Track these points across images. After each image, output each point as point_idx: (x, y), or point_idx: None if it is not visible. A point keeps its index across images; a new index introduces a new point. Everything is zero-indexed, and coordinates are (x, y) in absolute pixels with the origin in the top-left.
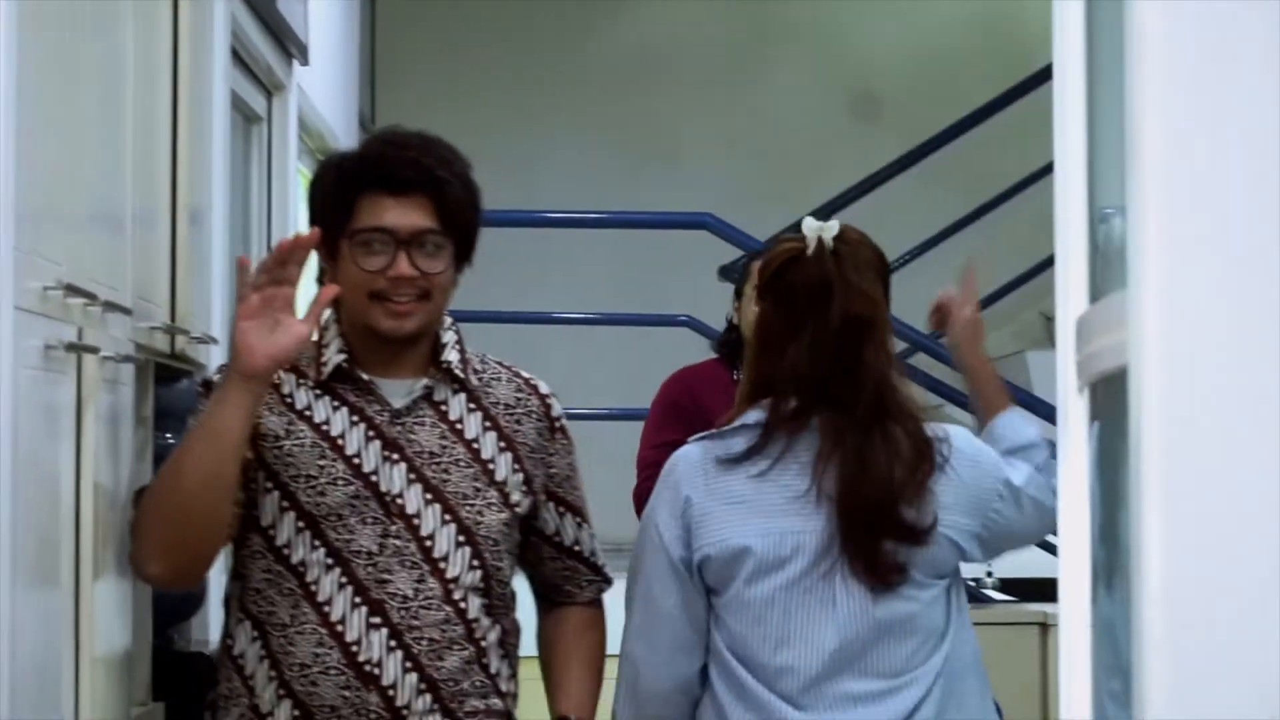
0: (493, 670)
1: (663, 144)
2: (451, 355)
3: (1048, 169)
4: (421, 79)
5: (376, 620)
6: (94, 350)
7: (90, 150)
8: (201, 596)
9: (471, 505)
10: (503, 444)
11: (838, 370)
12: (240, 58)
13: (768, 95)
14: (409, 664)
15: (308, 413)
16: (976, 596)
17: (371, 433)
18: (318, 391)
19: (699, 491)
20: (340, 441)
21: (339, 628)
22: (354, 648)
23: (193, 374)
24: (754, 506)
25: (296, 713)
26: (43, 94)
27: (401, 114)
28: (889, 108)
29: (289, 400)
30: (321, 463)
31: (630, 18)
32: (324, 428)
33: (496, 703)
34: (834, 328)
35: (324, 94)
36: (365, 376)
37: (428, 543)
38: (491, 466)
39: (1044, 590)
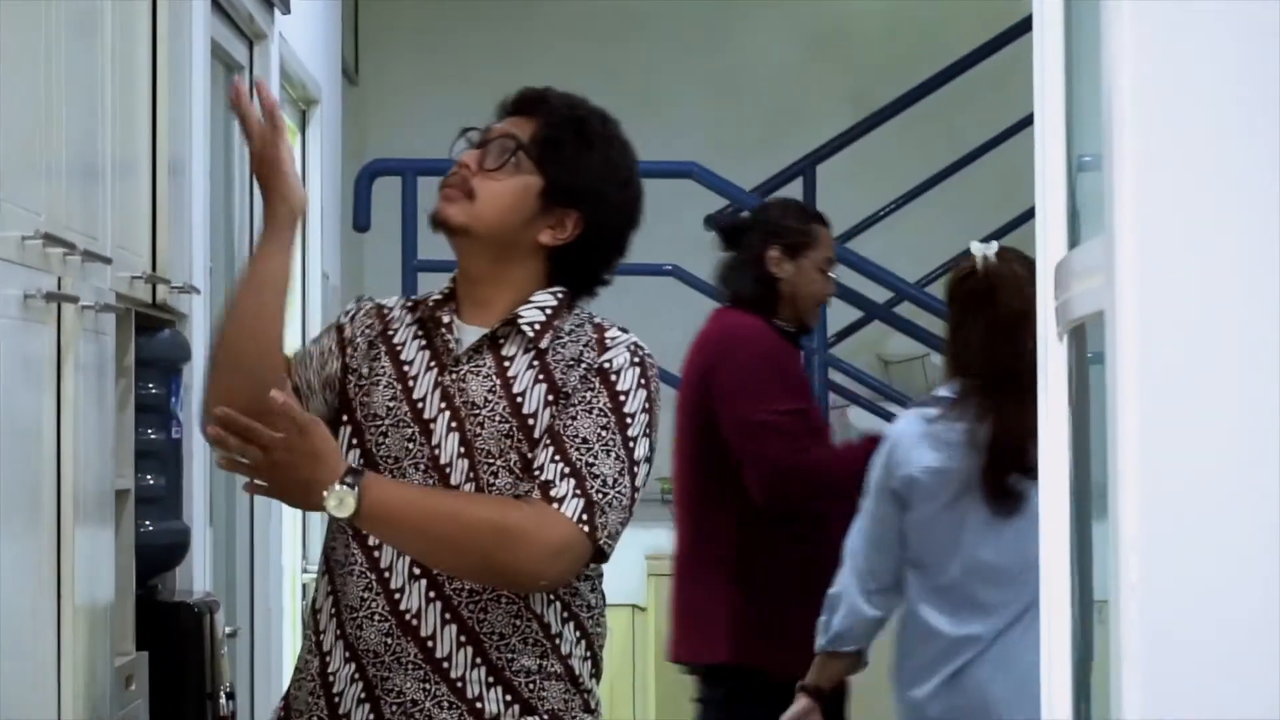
0: (553, 630)
1: (645, 92)
2: (530, 313)
3: (1030, 118)
4: (404, 27)
5: (417, 571)
6: (73, 299)
7: (68, 100)
8: (186, 545)
9: (490, 465)
10: (550, 397)
11: (1007, 353)
12: (220, 6)
13: (748, 44)
14: (448, 615)
15: (399, 348)
16: None
17: (440, 377)
18: (417, 328)
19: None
20: (411, 383)
21: (385, 574)
22: (397, 595)
23: (174, 323)
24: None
25: (347, 654)
26: (18, 44)
27: (384, 63)
28: (873, 53)
29: (390, 334)
30: (390, 404)
31: None
32: (404, 367)
33: (554, 665)
34: (1000, 323)
35: (306, 43)
36: (446, 318)
37: None
38: (532, 421)
39: None
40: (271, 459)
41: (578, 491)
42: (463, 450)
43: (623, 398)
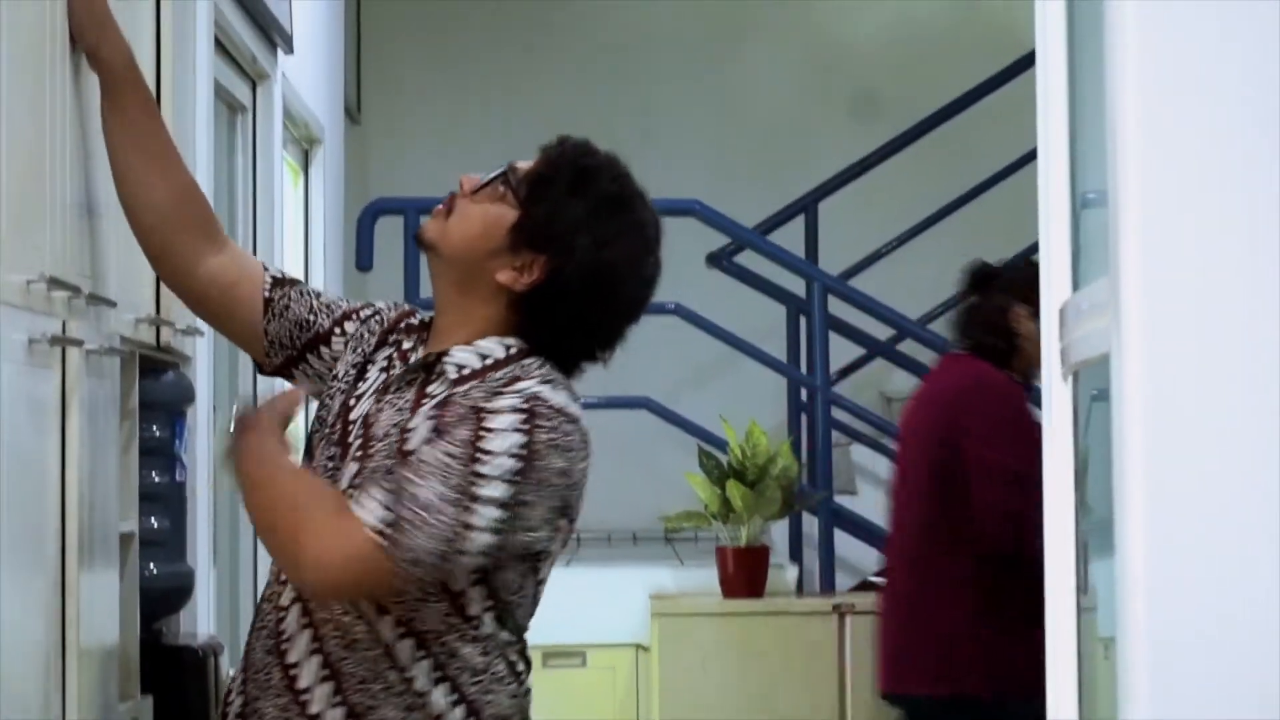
0: (416, 686)
1: (645, 127)
2: (463, 355)
3: (1032, 153)
4: (406, 67)
5: (295, 593)
6: (78, 343)
7: (70, 141)
8: (190, 588)
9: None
10: (431, 435)
11: None
12: (224, 46)
13: (749, 79)
14: (316, 644)
15: (370, 364)
16: None
17: (373, 403)
18: (394, 349)
19: None
20: (353, 403)
21: (280, 588)
22: (281, 613)
23: (178, 366)
24: None
25: (242, 665)
26: (21, 85)
27: (386, 102)
28: (872, 90)
29: (379, 346)
30: (333, 417)
31: (612, 2)
32: (359, 384)
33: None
34: None
35: (309, 83)
36: (408, 344)
37: None
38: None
39: None
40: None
41: (387, 506)
42: (356, 482)
43: (485, 435)
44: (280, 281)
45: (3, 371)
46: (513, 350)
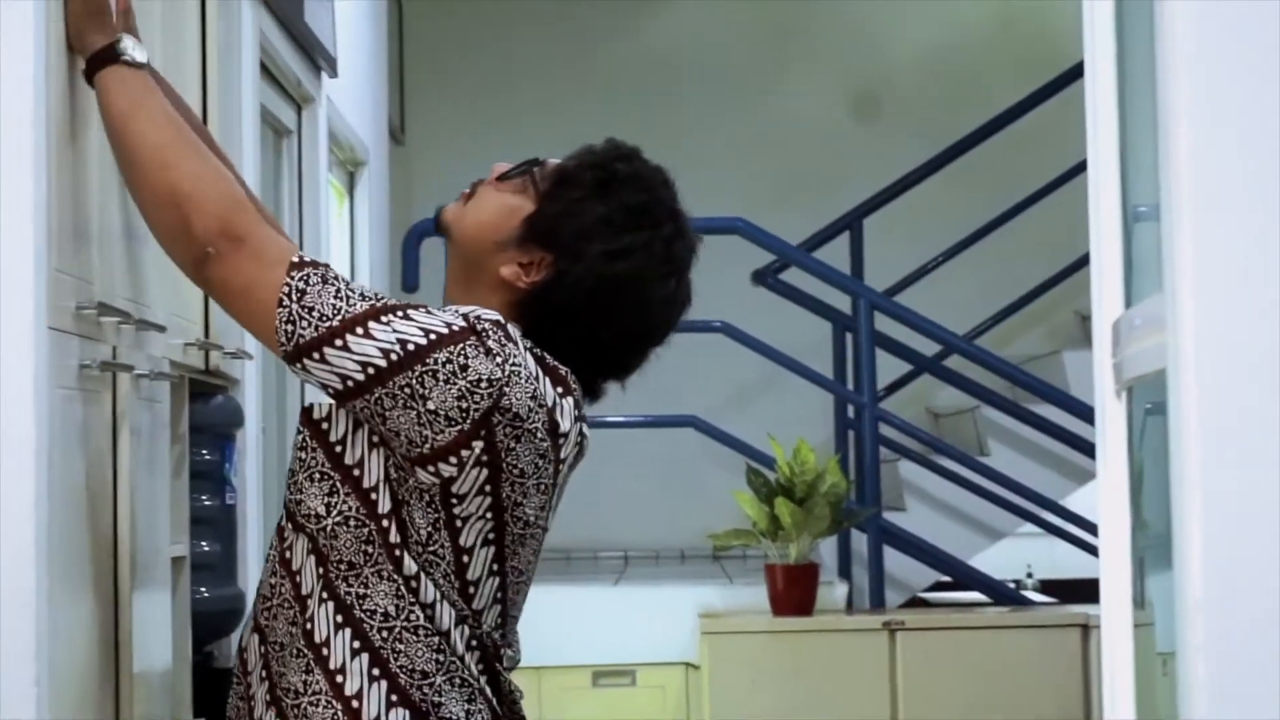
0: (316, 639)
1: (688, 146)
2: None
3: (1077, 168)
4: (449, 87)
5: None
6: (128, 368)
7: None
8: (241, 611)
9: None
10: None
11: None
12: (269, 71)
13: (791, 97)
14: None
15: None
16: (1016, 598)
17: None
18: None
19: None
20: None
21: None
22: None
23: (227, 389)
24: None
25: None
26: (71, 111)
27: (430, 122)
28: (912, 107)
29: None
30: None
31: (652, 21)
32: None
33: (320, 683)
34: None
35: (353, 106)
36: None
37: None
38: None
39: (1085, 591)
40: None
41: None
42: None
43: (425, 317)
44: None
45: (55, 397)
46: (488, 314)
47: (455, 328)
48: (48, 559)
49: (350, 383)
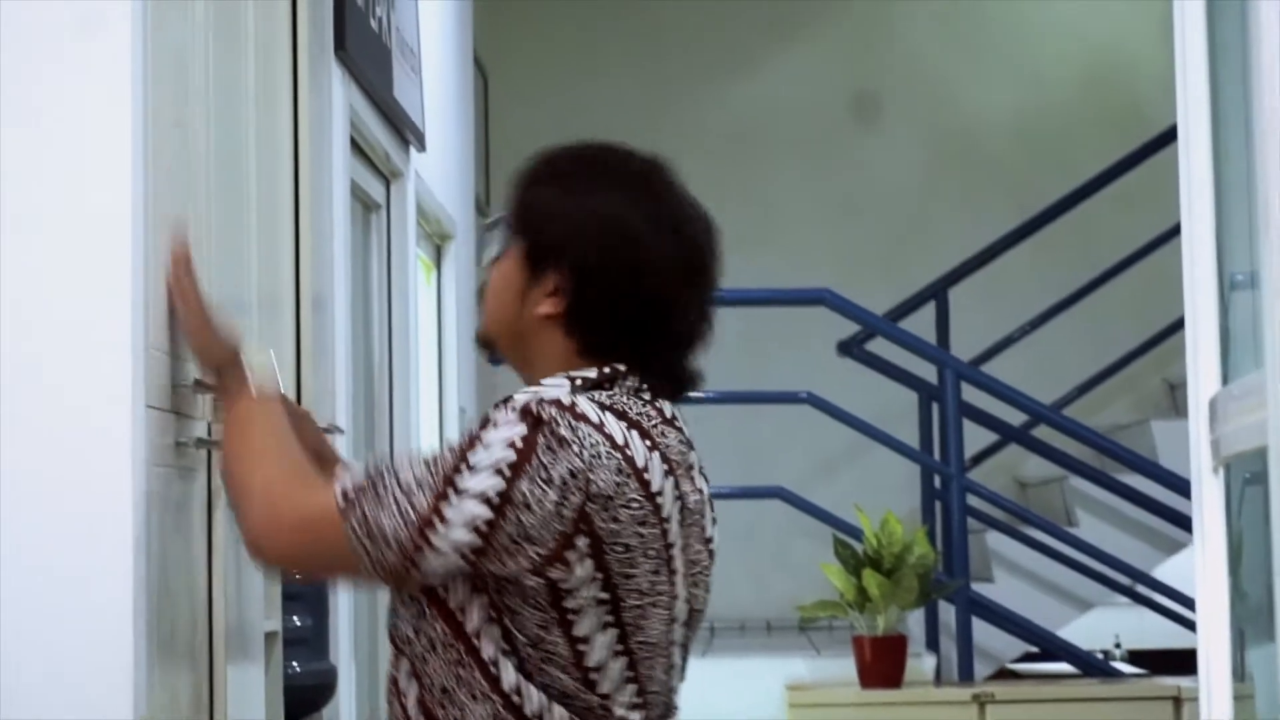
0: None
1: (769, 214)
2: (519, 397)
3: (1165, 235)
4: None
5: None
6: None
7: (216, 241)
8: (333, 686)
9: None
10: None
11: None
12: (359, 146)
13: (874, 166)
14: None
15: None
16: (1105, 669)
17: None
18: None
19: None
20: None
21: None
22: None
23: None
24: None
25: None
26: (168, 189)
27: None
28: (997, 170)
29: None
30: None
31: (736, 89)
32: None
33: None
34: None
35: (440, 180)
36: None
37: None
38: None
39: (1174, 662)
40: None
41: (366, 474)
42: None
43: (485, 429)
44: None
45: (152, 475)
46: (578, 382)
47: (519, 439)
48: (145, 634)
49: (466, 561)
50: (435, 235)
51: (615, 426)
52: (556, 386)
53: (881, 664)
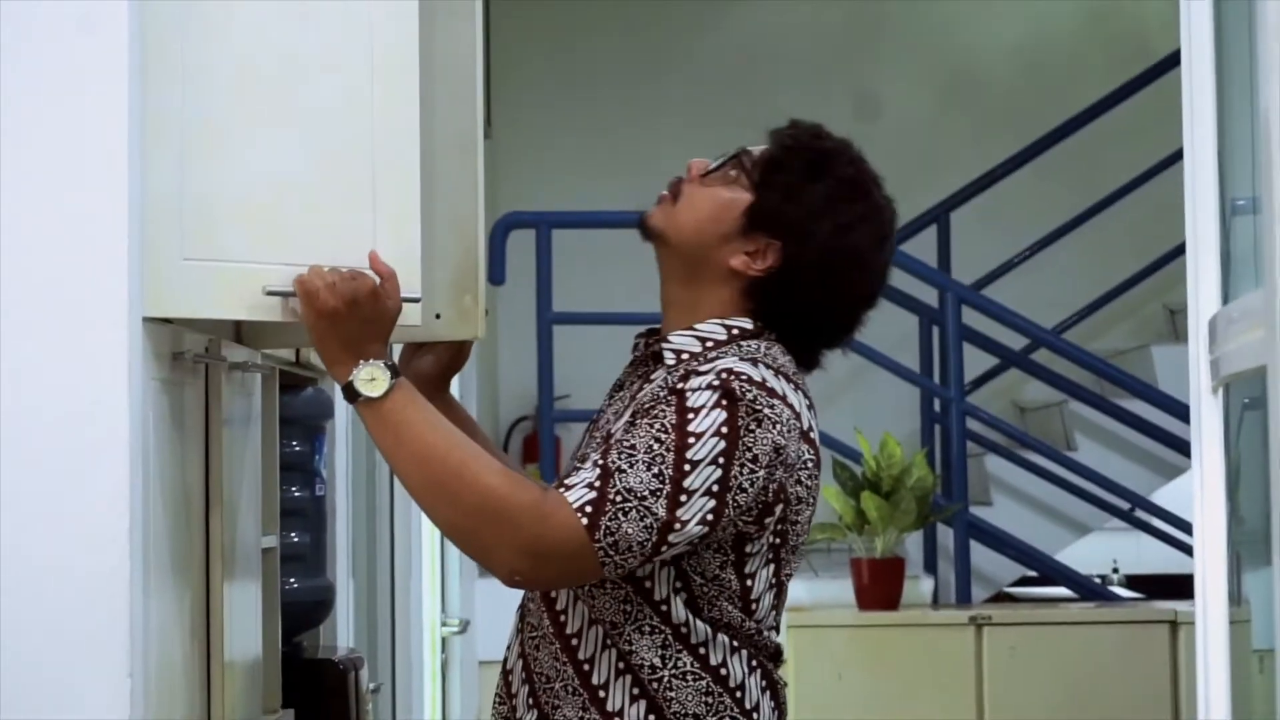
0: (594, 681)
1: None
2: (682, 340)
3: (1166, 161)
4: (536, 82)
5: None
6: (222, 359)
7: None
8: (330, 603)
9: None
10: (629, 416)
11: None
12: None
13: (878, 92)
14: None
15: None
16: (1102, 593)
17: (607, 402)
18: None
19: None
20: (604, 405)
21: (574, 641)
22: (586, 665)
23: (317, 381)
24: None
25: None
26: (164, 107)
27: (517, 116)
28: (1000, 100)
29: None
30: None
31: (737, 17)
32: (614, 391)
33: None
34: None
35: None
36: (638, 341)
37: None
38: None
39: (1171, 587)
40: (331, 298)
41: (595, 485)
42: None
43: (690, 415)
44: None
45: (149, 387)
46: (734, 331)
47: (723, 424)
48: (141, 549)
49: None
50: None
51: (789, 391)
52: (713, 335)
53: (879, 586)
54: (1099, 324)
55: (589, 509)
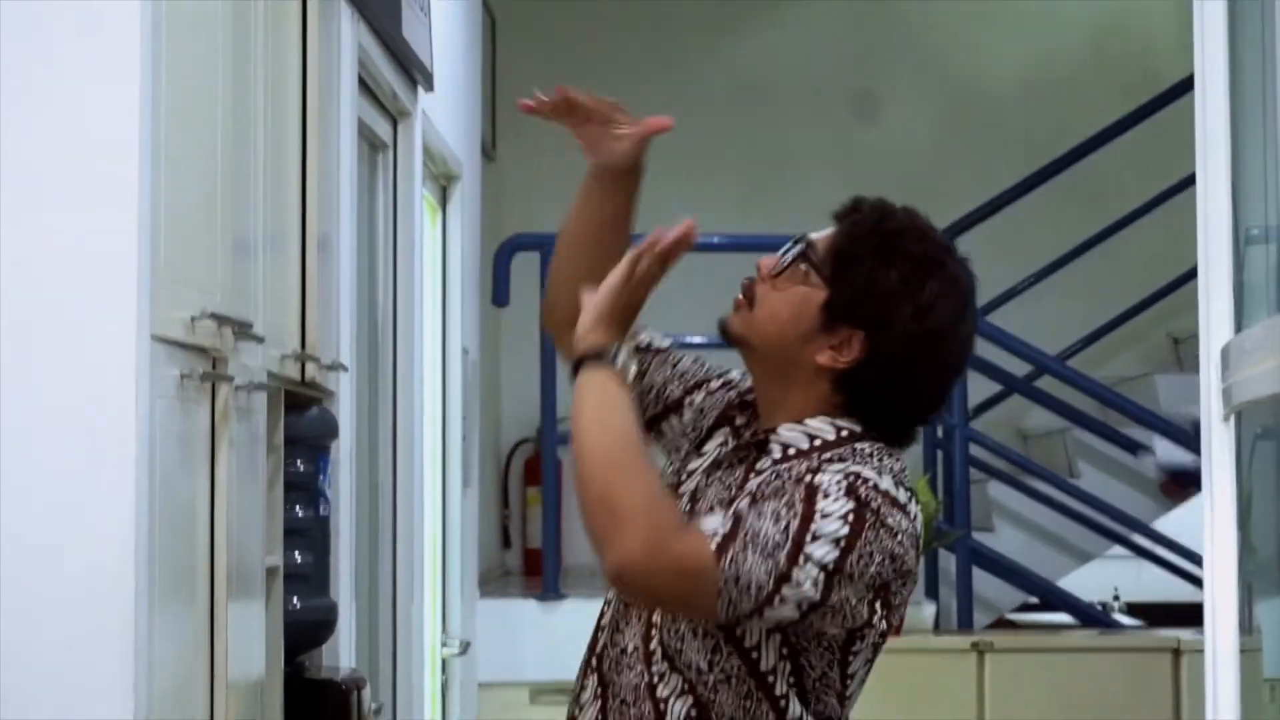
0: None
1: (779, 165)
2: (790, 434)
3: (1171, 190)
4: None
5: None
6: (228, 379)
7: (224, 179)
8: (333, 622)
9: None
10: (752, 498)
11: None
12: (366, 85)
13: (883, 119)
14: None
15: (709, 436)
16: (1104, 620)
17: (703, 477)
18: (730, 425)
19: None
20: (684, 477)
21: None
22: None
23: (322, 401)
24: None
25: None
26: (177, 125)
27: (520, 139)
28: (1007, 125)
29: (718, 420)
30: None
31: (748, 38)
32: (695, 457)
33: None
34: None
35: (448, 120)
36: (739, 422)
37: None
38: None
39: (1171, 615)
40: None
41: (727, 524)
42: None
43: (820, 499)
44: (643, 349)
45: (156, 407)
46: (844, 433)
47: (851, 514)
48: (147, 566)
49: (800, 614)
50: (441, 176)
51: (909, 501)
52: (822, 434)
53: None
54: (1103, 352)
55: (720, 539)
